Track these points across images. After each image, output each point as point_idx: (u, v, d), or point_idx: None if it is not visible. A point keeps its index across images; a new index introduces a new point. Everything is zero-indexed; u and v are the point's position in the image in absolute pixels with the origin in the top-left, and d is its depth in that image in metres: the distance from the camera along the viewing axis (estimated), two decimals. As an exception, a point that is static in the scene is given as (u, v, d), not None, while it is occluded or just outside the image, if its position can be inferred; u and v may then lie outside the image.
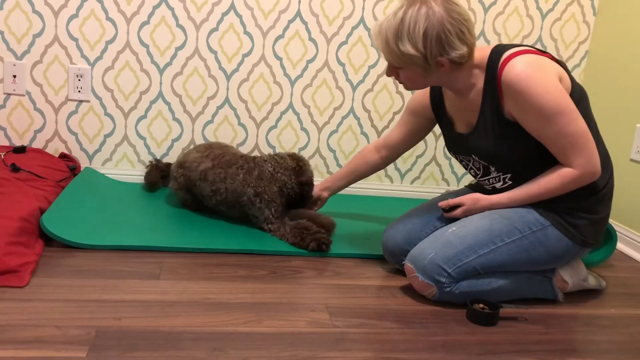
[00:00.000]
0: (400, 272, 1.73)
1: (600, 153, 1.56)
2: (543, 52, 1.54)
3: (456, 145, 1.72)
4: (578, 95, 1.55)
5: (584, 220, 1.58)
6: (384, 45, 1.52)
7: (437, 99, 1.76)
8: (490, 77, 1.54)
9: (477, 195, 1.68)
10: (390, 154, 1.99)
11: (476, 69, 1.56)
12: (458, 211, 1.69)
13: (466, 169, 1.75)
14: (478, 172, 1.70)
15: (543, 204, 1.59)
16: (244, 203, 2.00)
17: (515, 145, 1.57)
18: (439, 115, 1.77)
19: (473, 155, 1.66)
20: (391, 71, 1.60)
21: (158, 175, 2.35)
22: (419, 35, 1.47)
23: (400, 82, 1.62)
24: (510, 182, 1.64)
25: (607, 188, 1.61)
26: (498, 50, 1.54)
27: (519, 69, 1.47)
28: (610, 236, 1.98)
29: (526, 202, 1.60)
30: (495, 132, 1.57)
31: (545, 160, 1.56)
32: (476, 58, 1.55)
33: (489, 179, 1.69)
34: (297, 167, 2.03)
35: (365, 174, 2.06)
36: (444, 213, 1.73)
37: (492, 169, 1.65)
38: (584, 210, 1.58)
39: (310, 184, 2.05)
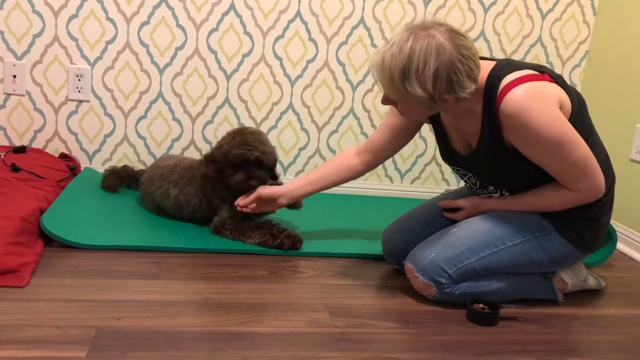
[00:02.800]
0: (400, 272, 1.73)
1: (602, 161, 1.52)
2: (541, 73, 1.46)
3: (452, 159, 1.68)
4: (577, 107, 1.51)
5: (586, 227, 1.57)
6: (388, 82, 1.42)
7: None
8: (489, 105, 1.46)
9: (478, 199, 1.67)
10: (373, 159, 1.81)
11: (474, 94, 1.46)
12: (458, 215, 1.69)
13: (462, 179, 1.72)
14: (474, 187, 1.68)
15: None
16: (215, 205, 1.94)
17: (515, 170, 1.54)
18: (433, 122, 1.70)
19: (471, 174, 1.65)
20: (388, 101, 1.50)
21: (116, 180, 2.27)
22: (429, 76, 1.37)
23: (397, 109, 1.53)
24: (507, 194, 1.63)
25: (608, 196, 1.58)
26: (496, 75, 1.46)
27: (518, 102, 1.40)
28: (610, 236, 1.98)
29: (525, 212, 1.59)
30: (496, 158, 1.53)
31: (546, 181, 1.54)
32: None
33: (485, 193, 1.67)
34: (218, 142, 1.90)
35: (340, 180, 1.83)
36: (444, 212, 1.73)
37: (490, 187, 1.64)
38: (586, 218, 1.56)
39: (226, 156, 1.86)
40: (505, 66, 1.48)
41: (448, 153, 1.68)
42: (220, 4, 2.36)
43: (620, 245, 2.23)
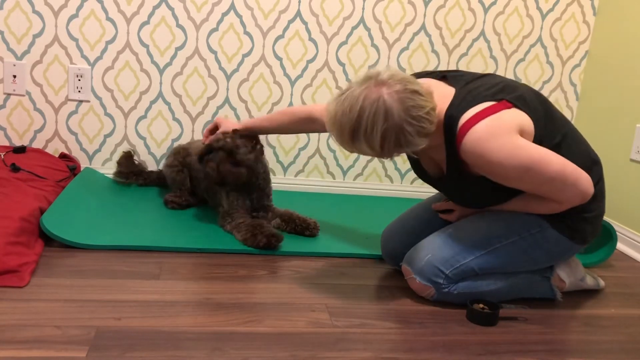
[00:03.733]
0: (400, 272, 1.73)
1: (583, 160, 1.52)
2: (499, 101, 1.44)
3: (427, 181, 1.69)
4: (542, 120, 1.49)
5: (581, 220, 1.57)
6: (339, 137, 1.43)
7: None
8: (450, 144, 1.47)
9: None
10: (322, 129, 1.81)
11: (434, 131, 1.45)
12: (452, 216, 1.70)
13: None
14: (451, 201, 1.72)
15: None
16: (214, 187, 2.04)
17: (489, 192, 1.55)
18: None
19: (444, 194, 1.68)
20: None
21: (132, 167, 2.34)
22: (376, 138, 1.38)
23: None
24: None
25: (597, 186, 1.57)
26: (452, 115, 1.44)
27: (475, 142, 1.40)
28: (610, 236, 1.98)
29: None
30: (468, 181, 1.53)
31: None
32: None
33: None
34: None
35: (289, 132, 1.96)
36: (440, 214, 1.74)
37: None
38: (578, 211, 1.56)
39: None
40: (462, 100, 1.46)
41: (420, 174, 1.70)
42: (220, 4, 2.36)
43: (620, 245, 2.23)
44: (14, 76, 2.29)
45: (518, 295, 1.65)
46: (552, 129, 1.51)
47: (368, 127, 1.37)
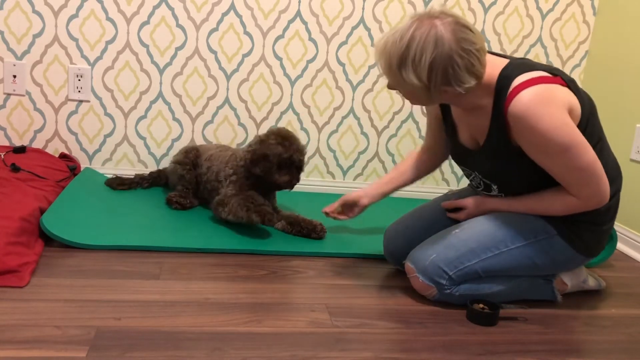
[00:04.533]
0: (401, 272, 1.73)
1: (610, 169, 1.51)
2: (554, 76, 1.44)
3: (460, 156, 1.67)
4: (587, 113, 1.49)
5: (589, 232, 1.56)
6: (387, 67, 1.43)
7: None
8: (498, 104, 1.45)
9: (480, 199, 1.67)
10: (432, 156, 1.85)
11: (483, 91, 1.46)
12: (461, 215, 1.69)
13: (468, 178, 1.72)
14: (479, 187, 1.67)
15: None
16: (218, 187, 2.07)
17: (520, 170, 1.53)
18: (445, 116, 1.69)
19: (476, 172, 1.63)
20: (392, 86, 1.51)
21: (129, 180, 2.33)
22: (425, 67, 1.37)
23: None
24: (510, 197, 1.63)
25: (613, 200, 1.57)
26: (507, 75, 1.44)
27: (526, 104, 1.38)
28: (610, 237, 1.98)
29: (527, 214, 1.58)
30: (502, 156, 1.52)
31: (551, 185, 1.53)
32: (484, 77, 1.44)
33: (489, 194, 1.66)
34: (263, 140, 2.00)
35: (414, 177, 1.89)
36: (447, 213, 1.73)
37: (494, 187, 1.62)
38: (589, 222, 1.55)
39: (267, 157, 1.96)
40: (518, 66, 1.46)
41: (456, 149, 1.67)
42: (220, 4, 2.36)
43: (620, 245, 2.23)
44: (14, 76, 2.29)
45: (519, 297, 1.64)
46: (592, 128, 1.50)
47: (417, 54, 1.36)
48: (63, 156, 2.36)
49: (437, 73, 1.38)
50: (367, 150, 2.60)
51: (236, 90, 2.46)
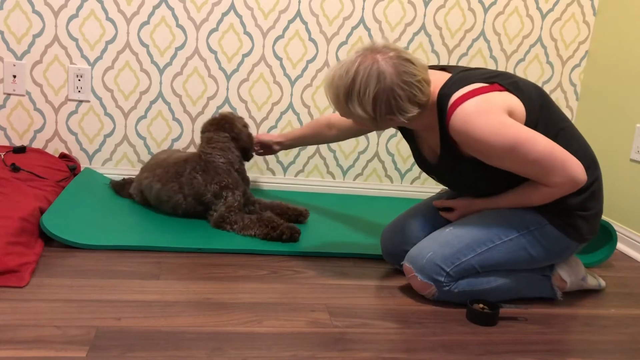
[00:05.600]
0: (400, 272, 1.73)
1: (578, 155, 1.53)
2: (491, 84, 1.50)
3: (425, 168, 1.74)
4: (537, 109, 1.53)
5: (578, 218, 1.58)
6: (335, 100, 1.52)
7: None
8: (442, 123, 1.52)
9: (469, 200, 1.70)
10: (339, 135, 2.05)
11: (428, 111, 1.53)
12: (452, 215, 1.72)
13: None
14: (449, 191, 1.76)
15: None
16: (207, 201, 2.01)
17: (483, 176, 1.58)
18: (403, 131, 1.75)
19: (442, 182, 1.72)
20: (343, 116, 1.59)
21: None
22: (369, 100, 1.45)
23: None
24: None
25: (594, 185, 1.59)
26: (445, 93, 1.51)
27: (463, 119, 1.45)
28: (610, 236, 1.98)
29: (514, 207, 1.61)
30: (460, 167, 1.58)
31: (516, 183, 1.58)
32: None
33: (473, 195, 1.71)
34: (234, 135, 2.09)
35: (316, 143, 2.31)
36: (440, 212, 1.75)
37: (462, 193, 1.71)
38: (576, 209, 1.57)
39: (248, 143, 2.14)
40: (455, 82, 1.52)
41: (419, 161, 1.74)
42: (220, 4, 2.36)
43: (620, 245, 2.23)
44: (14, 76, 2.29)
45: (518, 294, 1.65)
46: (548, 120, 1.54)
47: (361, 88, 1.45)
48: (63, 156, 2.36)
49: (381, 105, 1.46)
50: (367, 150, 2.60)
51: (236, 90, 2.46)
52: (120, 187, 2.23)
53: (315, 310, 1.49)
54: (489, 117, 1.45)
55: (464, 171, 1.58)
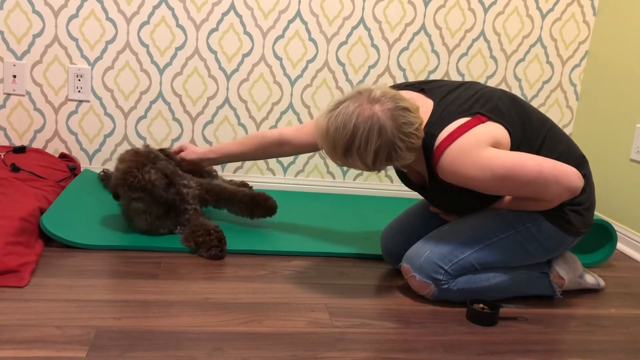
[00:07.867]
0: (401, 272, 1.73)
1: (566, 154, 1.55)
2: (473, 115, 1.49)
3: (409, 185, 1.74)
4: (518, 124, 1.54)
5: (572, 212, 1.59)
6: (331, 152, 1.48)
7: None
8: (429, 162, 1.54)
9: None
10: (294, 151, 1.89)
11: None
12: (450, 216, 1.73)
13: None
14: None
15: None
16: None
17: (472, 200, 1.60)
18: None
19: (430, 202, 1.73)
20: None
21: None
22: (370, 154, 1.44)
23: None
24: None
25: (585, 181, 1.60)
26: (430, 132, 1.50)
27: (450, 163, 1.47)
28: (610, 236, 1.98)
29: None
30: (451, 193, 1.58)
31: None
32: None
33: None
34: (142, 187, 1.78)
35: (257, 159, 2.04)
36: (438, 213, 1.76)
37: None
38: (568, 204, 1.58)
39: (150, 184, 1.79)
40: (438, 119, 1.51)
41: (408, 184, 1.74)
42: (220, 4, 2.36)
43: (620, 245, 2.23)
44: (14, 76, 2.29)
45: (517, 291, 1.66)
46: (530, 133, 1.56)
47: (362, 144, 1.43)
48: (63, 156, 2.36)
49: (382, 157, 1.46)
50: (367, 150, 2.60)
51: (236, 90, 2.46)
52: (108, 180, 2.21)
53: (315, 310, 1.49)
54: (475, 154, 1.46)
55: (455, 194, 1.59)
